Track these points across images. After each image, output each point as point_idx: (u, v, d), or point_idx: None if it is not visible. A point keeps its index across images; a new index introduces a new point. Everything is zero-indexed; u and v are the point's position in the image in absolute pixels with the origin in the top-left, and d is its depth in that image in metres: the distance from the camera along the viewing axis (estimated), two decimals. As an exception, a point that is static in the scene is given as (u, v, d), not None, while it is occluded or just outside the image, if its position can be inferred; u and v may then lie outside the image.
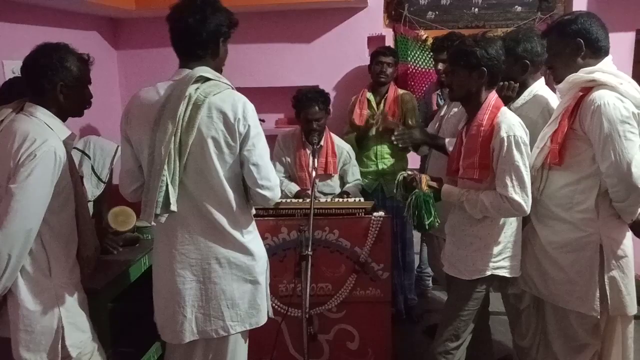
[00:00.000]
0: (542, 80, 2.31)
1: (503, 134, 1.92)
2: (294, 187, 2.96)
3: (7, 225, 1.60)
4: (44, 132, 1.70)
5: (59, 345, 1.73)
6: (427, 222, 2.03)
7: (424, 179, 2.10)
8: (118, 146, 2.70)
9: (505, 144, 1.92)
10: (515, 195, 1.92)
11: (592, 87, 1.88)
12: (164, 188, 1.65)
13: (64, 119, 1.82)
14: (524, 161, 1.93)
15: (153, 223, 1.68)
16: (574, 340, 2.04)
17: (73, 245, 1.81)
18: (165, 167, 1.64)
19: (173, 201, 1.66)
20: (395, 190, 2.20)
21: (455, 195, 2.07)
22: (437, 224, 2.06)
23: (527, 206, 1.95)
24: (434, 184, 2.11)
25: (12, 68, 2.60)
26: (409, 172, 2.16)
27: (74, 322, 1.76)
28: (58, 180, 1.70)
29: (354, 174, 3.04)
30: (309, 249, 2.12)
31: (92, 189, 2.61)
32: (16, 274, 1.67)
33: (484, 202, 1.97)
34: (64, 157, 1.72)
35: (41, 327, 1.71)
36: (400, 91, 3.26)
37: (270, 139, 2.21)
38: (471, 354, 2.21)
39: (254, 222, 1.90)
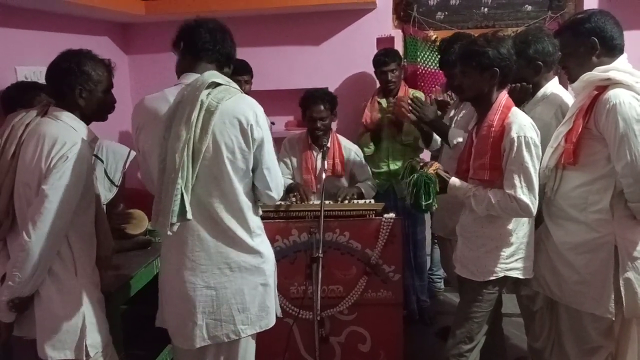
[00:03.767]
0: (555, 79, 2.29)
1: (514, 134, 1.91)
2: (287, 181, 2.93)
3: (41, 226, 1.63)
4: (73, 135, 1.74)
5: (84, 344, 1.75)
6: (423, 203, 2.00)
7: (435, 165, 2.08)
8: (130, 150, 2.71)
9: (516, 144, 1.90)
10: (524, 196, 1.91)
11: (607, 85, 1.86)
12: (179, 196, 1.62)
13: (87, 123, 1.85)
14: (533, 163, 1.92)
15: (169, 232, 1.65)
16: (587, 343, 2.02)
17: (94, 245, 1.84)
18: (180, 174, 1.62)
19: (189, 209, 1.64)
20: (401, 176, 2.17)
21: (462, 189, 2.05)
22: (434, 207, 2.03)
23: (533, 208, 1.93)
24: (444, 174, 2.08)
25: (25, 74, 2.63)
26: (419, 159, 2.15)
27: (94, 322, 1.79)
28: (85, 182, 1.74)
29: (364, 173, 3.02)
30: (320, 251, 2.12)
31: (105, 193, 2.62)
32: (45, 273, 1.70)
33: (490, 200, 1.96)
34: (91, 159, 1.76)
35: (67, 325, 1.74)
36: (412, 91, 3.25)
37: (280, 141, 2.22)
38: (484, 355, 2.19)
39: (262, 225, 1.89)
